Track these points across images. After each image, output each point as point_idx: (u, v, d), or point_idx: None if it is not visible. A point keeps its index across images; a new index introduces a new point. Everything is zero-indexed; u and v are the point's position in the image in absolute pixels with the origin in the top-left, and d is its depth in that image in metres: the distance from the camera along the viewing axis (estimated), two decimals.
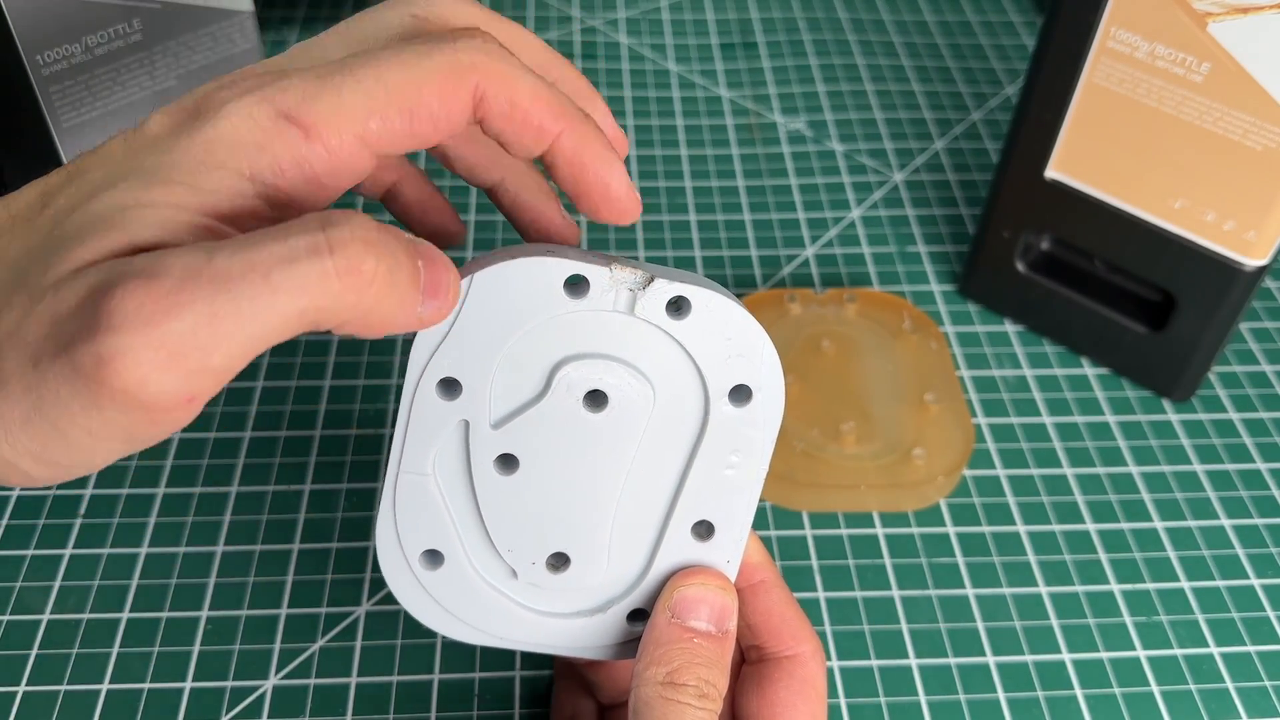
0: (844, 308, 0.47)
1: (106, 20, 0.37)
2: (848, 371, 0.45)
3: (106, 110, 0.39)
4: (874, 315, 0.47)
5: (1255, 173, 0.40)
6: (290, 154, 0.22)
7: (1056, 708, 0.37)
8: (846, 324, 0.47)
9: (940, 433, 0.43)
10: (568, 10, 0.69)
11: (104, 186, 0.21)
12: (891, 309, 0.47)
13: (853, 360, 0.45)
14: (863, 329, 0.46)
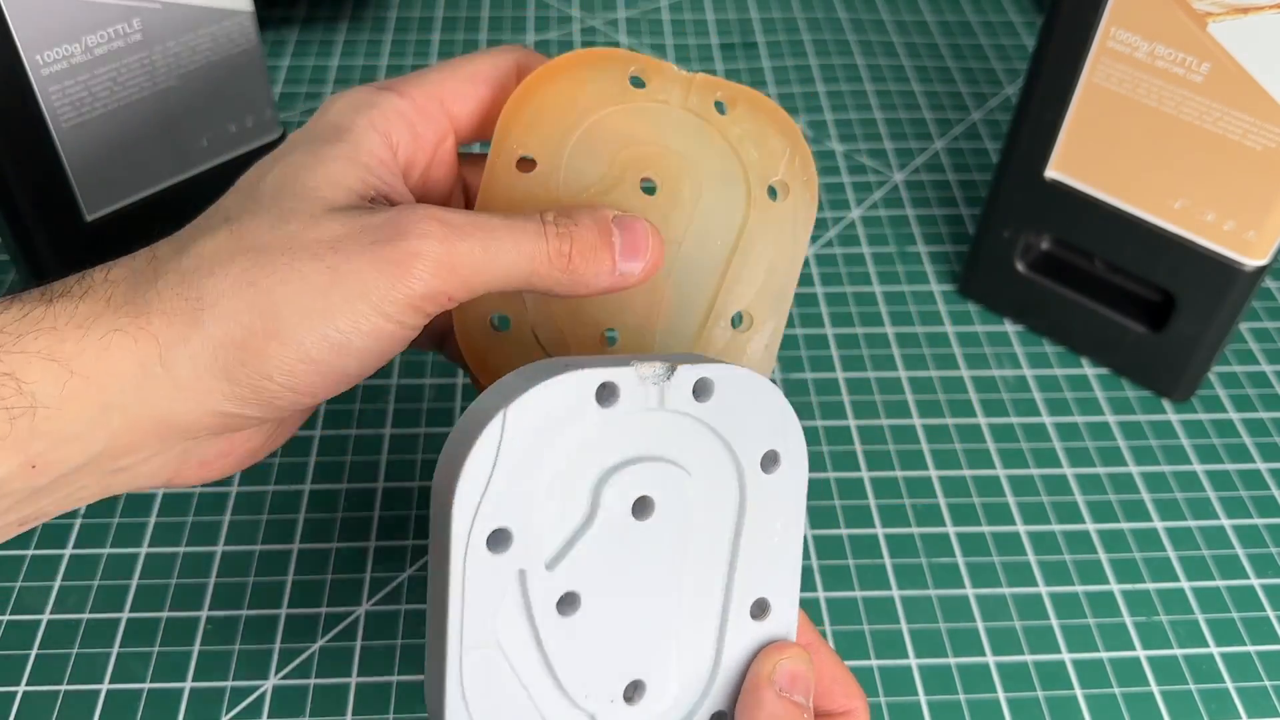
0: (705, 111, 0.31)
1: (106, 20, 0.37)
2: (669, 246, 0.31)
3: (106, 110, 0.39)
4: (747, 138, 0.31)
5: (1255, 173, 0.40)
6: (393, 107, 0.30)
7: (1056, 708, 0.37)
8: (697, 146, 0.31)
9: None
10: (568, 10, 0.69)
11: (281, 155, 0.28)
12: (773, 137, 0.31)
13: (676, 219, 0.31)
14: (717, 164, 0.31)
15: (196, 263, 0.26)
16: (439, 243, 0.26)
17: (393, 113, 0.30)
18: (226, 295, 0.25)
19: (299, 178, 0.27)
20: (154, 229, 0.37)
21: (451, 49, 0.66)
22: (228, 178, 0.43)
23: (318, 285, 0.25)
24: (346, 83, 0.63)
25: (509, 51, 0.32)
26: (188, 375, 0.25)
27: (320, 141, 0.28)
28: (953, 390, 0.48)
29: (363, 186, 0.28)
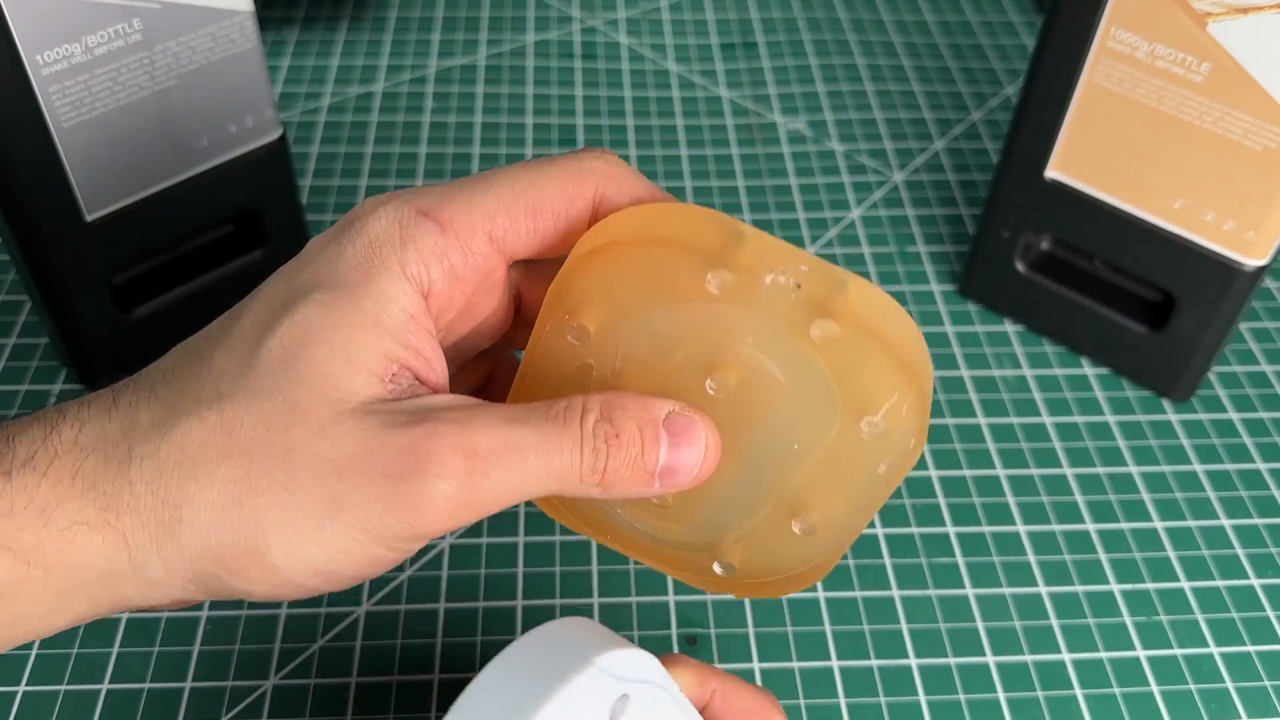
0: (801, 326, 0.25)
1: (106, 20, 0.37)
2: (737, 437, 0.27)
3: (106, 110, 0.39)
4: (850, 366, 0.25)
5: (1255, 173, 0.40)
6: (430, 246, 0.25)
7: (1056, 708, 0.37)
8: (782, 360, 0.26)
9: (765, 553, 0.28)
10: (568, 10, 0.69)
11: (294, 299, 0.24)
12: (883, 375, 0.25)
13: (755, 417, 0.26)
14: (803, 381, 0.25)
15: (178, 456, 0.23)
16: (461, 483, 0.23)
17: (430, 253, 0.25)
18: (210, 508, 0.23)
19: (312, 350, 0.24)
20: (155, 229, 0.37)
21: (451, 49, 0.66)
22: (228, 177, 0.44)
23: (314, 517, 0.23)
24: (346, 82, 0.63)
25: (587, 174, 0.26)
26: (158, 577, 0.23)
27: (343, 291, 0.24)
28: (952, 390, 0.48)
29: (385, 364, 0.24)
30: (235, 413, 0.23)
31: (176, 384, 0.24)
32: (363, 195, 0.56)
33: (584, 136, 0.60)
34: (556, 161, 0.27)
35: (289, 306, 0.24)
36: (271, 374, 0.23)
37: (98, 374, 0.45)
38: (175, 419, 0.23)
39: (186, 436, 0.23)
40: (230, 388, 0.23)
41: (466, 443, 0.23)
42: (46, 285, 0.41)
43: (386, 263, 0.25)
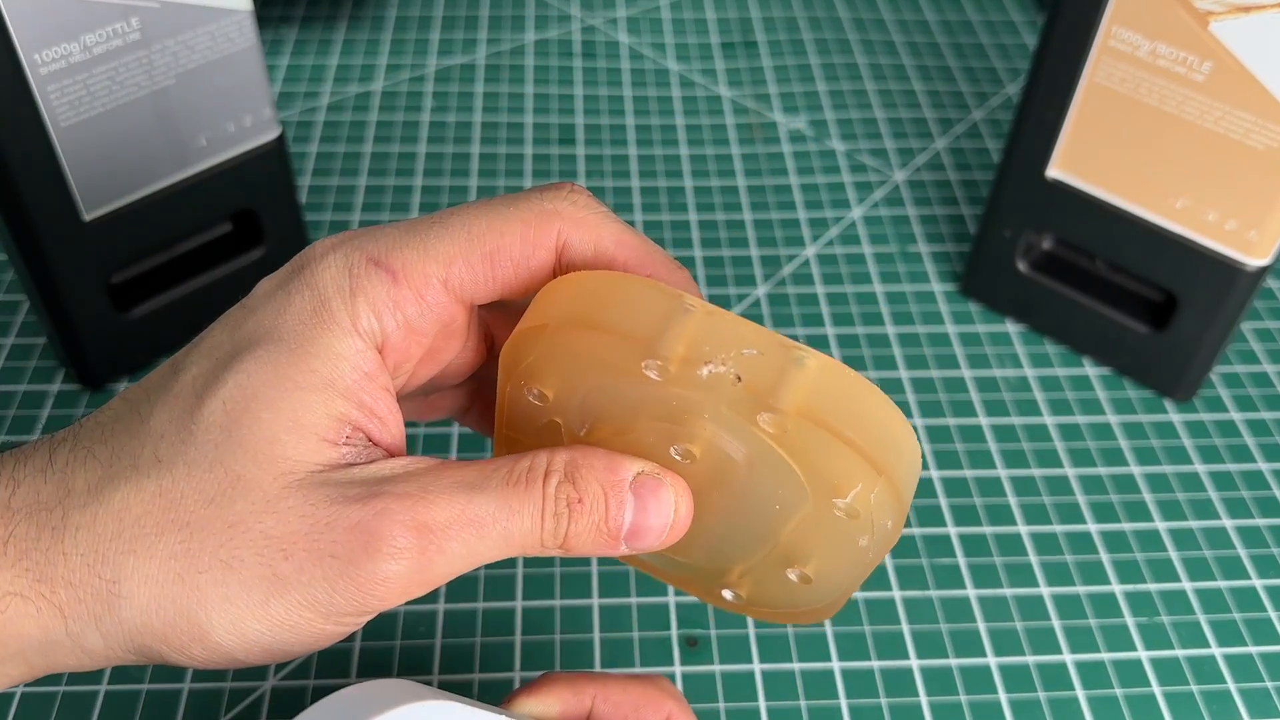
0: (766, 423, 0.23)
1: (105, 19, 0.37)
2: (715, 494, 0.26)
3: (105, 110, 0.39)
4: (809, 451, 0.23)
5: (1257, 172, 0.40)
6: (382, 297, 0.24)
7: (1058, 709, 0.37)
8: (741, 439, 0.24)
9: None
10: (567, 10, 0.69)
11: (237, 354, 0.23)
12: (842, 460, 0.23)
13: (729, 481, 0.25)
14: (771, 465, 0.24)
15: (116, 528, 0.22)
16: (412, 562, 0.22)
17: (384, 305, 0.24)
18: (149, 583, 0.22)
19: (256, 415, 0.22)
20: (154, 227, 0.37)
21: (450, 48, 0.66)
22: (226, 177, 0.43)
23: (257, 595, 0.22)
24: (345, 81, 0.63)
25: (549, 217, 0.25)
26: (98, 649, 0.22)
27: (290, 348, 0.23)
28: (954, 390, 0.47)
29: (336, 427, 0.23)
30: (175, 483, 0.22)
31: (114, 444, 0.23)
32: (362, 194, 0.56)
33: (584, 135, 0.60)
34: (518, 202, 0.25)
35: (232, 362, 0.23)
36: (213, 442, 0.22)
37: (96, 374, 0.45)
38: (113, 485, 0.22)
39: (124, 507, 0.22)
40: (169, 454, 0.22)
41: (420, 519, 0.22)
42: (44, 285, 0.41)
43: (336, 316, 0.23)
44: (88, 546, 0.22)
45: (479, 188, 0.56)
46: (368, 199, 0.55)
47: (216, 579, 0.22)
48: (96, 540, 0.22)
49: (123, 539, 0.22)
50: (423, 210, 0.55)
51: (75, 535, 0.22)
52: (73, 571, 0.22)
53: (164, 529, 0.22)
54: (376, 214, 0.54)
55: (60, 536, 0.22)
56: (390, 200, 0.55)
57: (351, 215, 0.54)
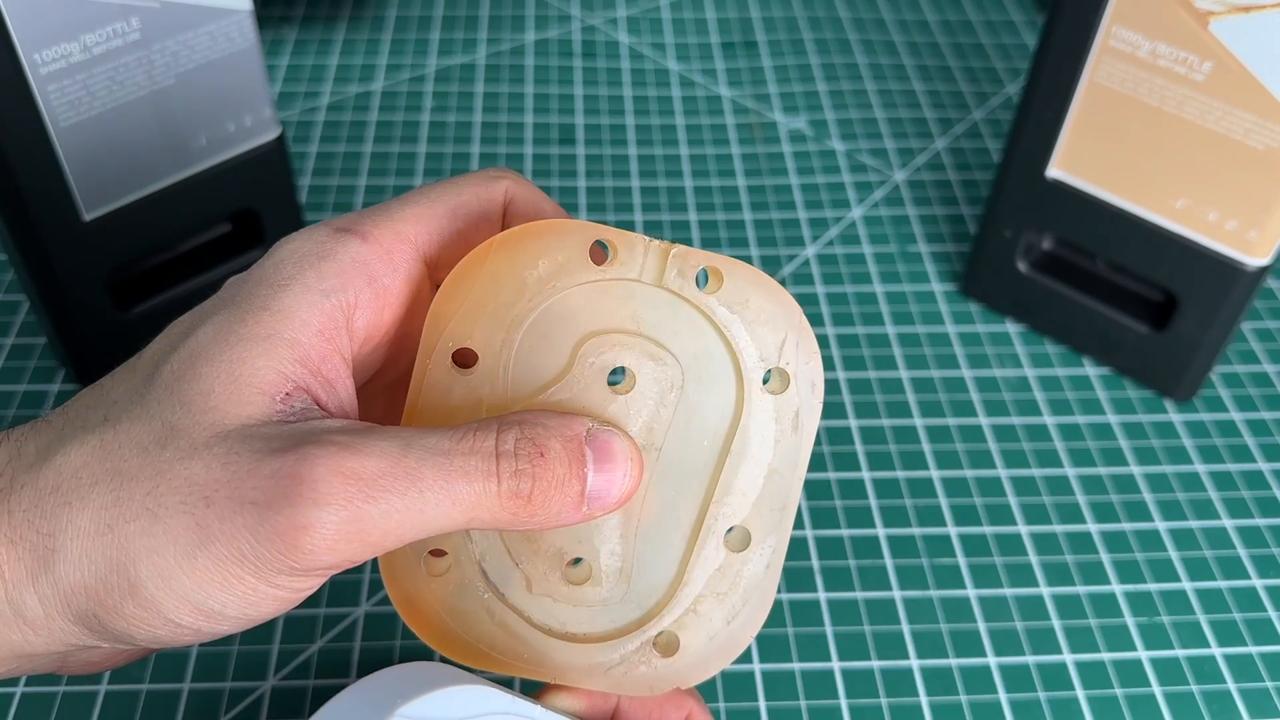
0: (684, 288, 0.26)
1: (105, 19, 0.37)
2: (648, 455, 0.26)
3: (105, 110, 0.39)
4: (737, 318, 0.26)
5: (1257, 172, 0.40)
6: (350, 255, 0.24)
7: (1058, 709, 0.37)
8: (675, 329, 0.26)
9: (718, 605, 0.27)
10: (567, 9, 0.69)
11: (195, 325, 0.23)
12: (767, 317, 0.26)
13: (653, 421, 0.26)
14: (701, 350, 0.26)
15: (56, 481, 0.22)
16: (340, 509, 0.21)
17: (350, 264, 0.24)
18: (81, 535, 0.21)
19: (198, 370, 0.22)
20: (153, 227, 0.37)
21: (450, 48, 0.66)
22: (226, 177, 0.43)
23: (182, 545, 0.21)
24: (345, 81, 0.63)
25: (496, 179, 0.27)
26: (37, 616, 0.22)
27: (241, 307, 0.23)
28: (954, 390, 0.47)
29: (277, 381, 0.22)
30: (115, 436, 0.22)
31: (70, 414, 0.23)
32: (362, 194, 0.56)
33: (584, 135, 0.60)
34: (470, 173, 0.27)
35: (188, 333, 0.23)
36: (156, 399, 0.22)
37: (95, 374, 0.45)
38: (60, 445, 0.22)
39: (65, 460, 0.22)
40: (117, 413, 0.22)
41: (347, 465, 0.21)
42: (44, 285, 0.41)
43: (298, 277, 0.23)
44: (30, 503, 0.22)
45: None
46: (368, 199, 0.55)
47: (143, 528, 0.21)
48: (38, 496, 0.22)
49: (60, 492, 0.22)
50: None
51: (20, 494, 0.22)
52: (15, 529, 0.21)
53: (99, 479, 0.21)
54: None
55: (6, 497, 0.22)
56: None
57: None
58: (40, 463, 0.22)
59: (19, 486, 0.22)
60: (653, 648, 0.27)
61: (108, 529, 0.21)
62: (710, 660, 0.27)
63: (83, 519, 0.21)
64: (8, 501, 0.22)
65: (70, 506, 0.21)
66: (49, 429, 0.23)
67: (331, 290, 0.23)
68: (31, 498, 0.22)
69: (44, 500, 0.22)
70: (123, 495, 0.21)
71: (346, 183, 0.56)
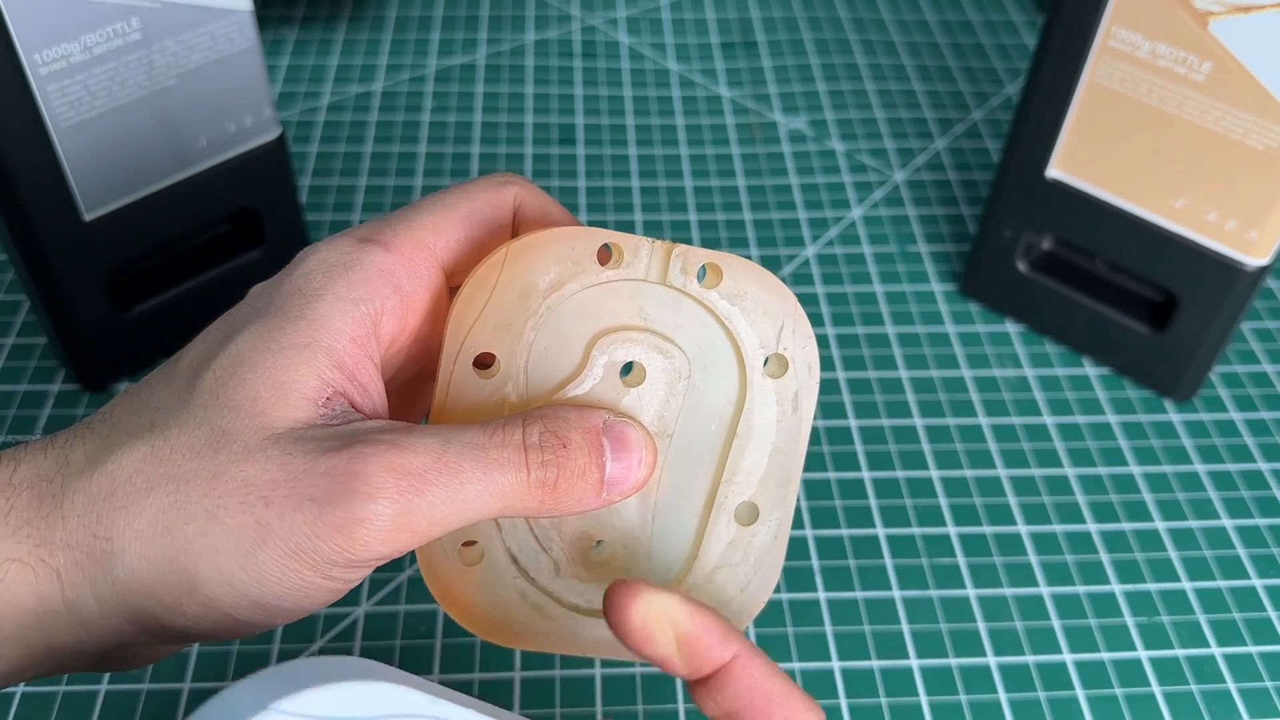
0: (685, 284, 0.27)
1: (105, 19, 0.37)
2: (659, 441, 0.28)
3: (105, 110, 0.39)
4: (736, 309, 0.28)
5: (1257, 172, 0.40)
6: (375, 265, 0.25)
7: (1058, 709, 0.37)
8: (679, 323, 0.28)
9: (731, 575, 0.29)
10: (567, 10, 0.69)
11: (232, 332, 0.24)
12: (764, 306, 0.28)
13: (664, 409, 0.28)
14: (704, 340, 0.28)
15: (109, 487, 0.22)
16: (393, 502, 0.22)
17: (376, 274, 0.25)
18: (139, 538, 0.22)
19: (242, 376, 0.23)
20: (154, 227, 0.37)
21: (451, 48, 0.66)
22: (226, 177, 0.43)
23: (242, 544, 0.22)
24: (345, 81, 0.63)
25: (506, 185, 0.28)
26: (94, 616, 0.23)
27: (278, 316, 0.24)
28: (954, 390, 0.47)
29: (319, 387, 0.24)
30: (165, 442, 0.23)
31: (114, 420, 0.24)
32: (362, 195, 0.56)
33: (584, 135, 0.60)
34: (480, 179, 0.28)
35: (226, 340, 0.24)
36: (202, 405, 0.23)
37: (96, 373, 0.45)
38: (109, 451, 0.23)
39: (118, 467, 0.23)
40: (164, 419, 0.23)
41: (396, 461, 0.22)
42: (45, 285, 0.41)
43: (329, 287, 0.25)
44: (84, 508, 0.22)
45: None
46: (368, 199, 0.55)
47: (202, 529, 0.22)
48: (92, 501, 0.22)
49: (115, 497, 0.22)
50: None
51: (73, 499, 0.22)
52: (70, 533, 0.22)
53: (154, 484, 0.22)
54: (377, 214, 0.54)
55: (59, 503, 0.22)
56: (390, 200, 0.55)
57: (352, 215, 0.54)
58: (91, 469, 0.23)
59: (71, 492, 0.23)
60: None
61: (166, 531, 0.22)
62: None
63: (139, 523, 0.22)
64: (60, 508, 0.22)
65: (126, 511, 0.22)
66: (94, 436, 0.24)
67: (360, 299, 0.25)
68: (85, 503, 0.22)
69: (98, 505, 0.22)
70: (180, 499, 0.22)
71: (346, 183, 0.56)
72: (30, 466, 0.23)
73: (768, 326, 0.27)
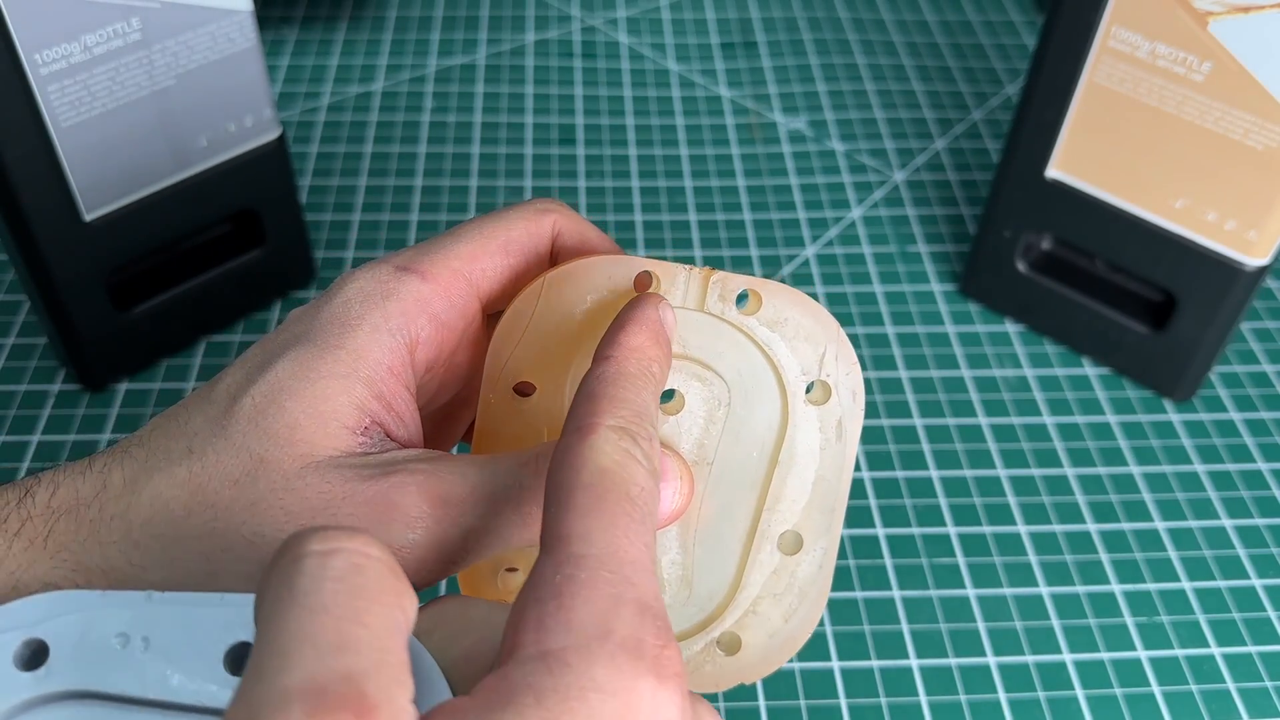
0: (725, 311, 0.27)
1: (105, 20, 0.37)
2: (699, 469, 0.28)
3: (105, 110, 0.39)
4: (777, 336, 0.27)
5: (1256, 172, 0.40)
6: (413, 295, 0.25)
7: (1058, 708, 0.37)
8: (719, 350, 0.27)
9: (775, 604, 0.28)
10: (568, 10, 0.69)
11: (270, 359, 0.24)
12: (806, 332, 0.27)
13: (703, 437, 0.28)
14: (745, 367, 0.27)
15: (147, 514, 0.23)
16: (428, 533, 0.22)
17: (413, 303, 0.25)
18: (175, 566, 0.22)
19: (281, 404, 0.23)
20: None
21: (451, 48, 0.66)
22: (226, 177, 0.43)
23: None
24: (346, 81, 0.63)
25: (545, 213, 0.28)
26: None
27: (317, 344, 0.24)
28: (954, 390, 0.47)
29: (357, 416, 0.24)
30: (204, 469, 0.23)
31: (151, 444, 0.24)
32: (362, 195, 0.56)
33: (584, 135, 0.60)
34: (514, 207, 0.28)
35: (264, 367, 0.24)
36: (241, 431, 0.23)
37: (96, 374, 0.45)
38: (147, 477, 0.23)
39: (155, 494, 0.23)
40: (201, 446, 0.23)
41: (434, 491, 0.22)
42: (45, 285, 0.41)
43: (366, 317, 0.25)
44: (121, 534, 0.22)
45: (479, 188, 0.56)
46: (368, 199, 0.55)
47: (240, 556, 0.22)
48: (129, 528, 0.22)
49: (153, 524, 0.22)
50: (422, 211, 0.55)
51: (110, 525, 0.22)
52: (108, 559, 0.22)
53: (191, 511, 0.22)
54: (377, 214, 0.55)
55: (97, 528, 0.22)
56: (390, 201, 0.55)
57: (352, 215, 0.54)
58: (129, 494, 0.23)
59: (109, 518, 0.23)
60: (716, 647, 0.28)
61: (203, 558, 0.22)
62: (771, 656, 0.28)
63: (176, 550, 0.22)
64: (98, 534, 0.22)
65: (163, 539, 0.22)
66: (131, 460, 0.24)
67: (398, 329, 0.25)
68: (122, 529, 0.22)
69: (136, 531, 0.22)
70: (218, 526, 0.22)
71: (347, 183, 0.56)
72: (68, 490, 0.23)
73: (809, 352, 0.27)
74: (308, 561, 0.17)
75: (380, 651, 0.16)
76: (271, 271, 0.48)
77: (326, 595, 0.16)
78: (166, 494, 0.23)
